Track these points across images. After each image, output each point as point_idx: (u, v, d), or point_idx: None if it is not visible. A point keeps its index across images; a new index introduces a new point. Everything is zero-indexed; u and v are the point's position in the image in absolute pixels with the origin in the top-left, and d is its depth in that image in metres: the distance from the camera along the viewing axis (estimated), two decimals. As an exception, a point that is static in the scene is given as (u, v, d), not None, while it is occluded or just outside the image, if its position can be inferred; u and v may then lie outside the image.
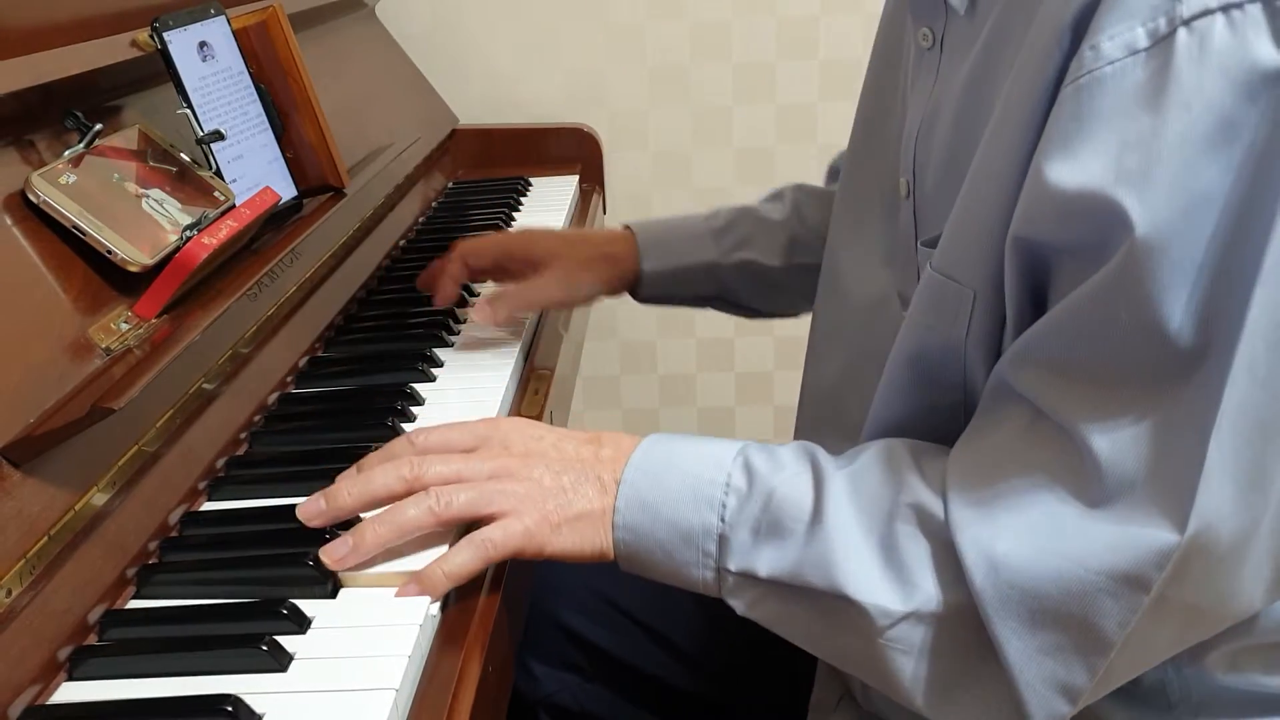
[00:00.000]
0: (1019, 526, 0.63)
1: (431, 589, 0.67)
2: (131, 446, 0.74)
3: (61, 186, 0.77)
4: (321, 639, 0.64)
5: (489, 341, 1.05)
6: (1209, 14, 0.57)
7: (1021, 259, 0.65)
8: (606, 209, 1.77)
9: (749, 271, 1.11)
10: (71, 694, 0.62)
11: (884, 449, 0.72)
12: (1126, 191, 0.59)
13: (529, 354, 1.06)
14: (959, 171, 0.70)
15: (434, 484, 0.71)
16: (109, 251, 0.78)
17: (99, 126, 0.84)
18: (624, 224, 1.13)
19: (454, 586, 0.69)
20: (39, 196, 0.76)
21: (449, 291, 1.09)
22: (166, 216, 0.85)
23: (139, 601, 0.69)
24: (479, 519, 0.71)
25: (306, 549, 0.69)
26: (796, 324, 1.13)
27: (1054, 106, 0.62)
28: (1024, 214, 0.64)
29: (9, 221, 0.74)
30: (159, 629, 0.66)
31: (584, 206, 1.62)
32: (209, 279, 0.87)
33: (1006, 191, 0.65)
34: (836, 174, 1.10)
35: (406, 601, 0.67)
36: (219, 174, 0.94)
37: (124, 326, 0.78)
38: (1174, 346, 0.60)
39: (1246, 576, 0.63)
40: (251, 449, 0.87)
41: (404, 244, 1.36)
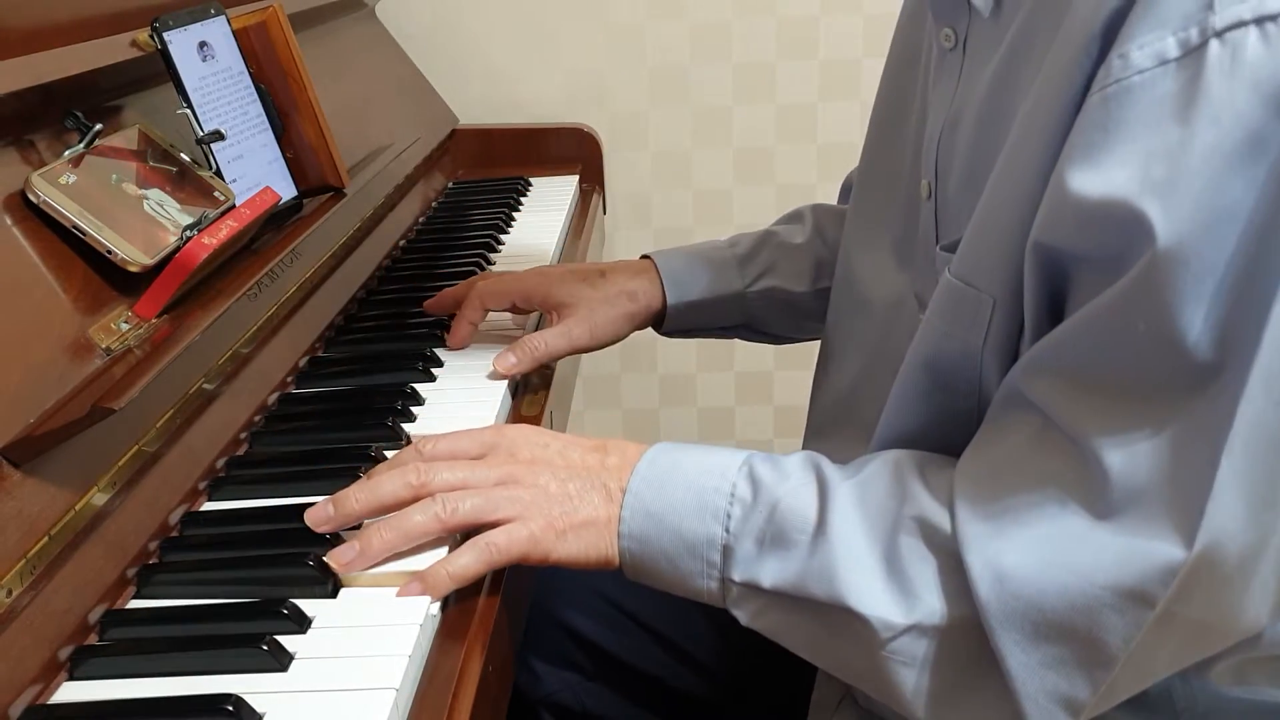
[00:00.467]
0: (1026, 539, 0.63)
1: (434, 589, 0.68)
2: (132, 446, 0.74)
3: (61, 186, 0.77)
4: (322, 639, 0.64)
5: (489, 342, 1.05)
6: (1242, 26, 0.57)
7: (1041, 266, 0.64)
8: (606, 209, 1.77)
9: (775, 299, 1.08)
10: (72, 694, 0.62)
11: (890, 460, 0.71)
12: (1151, 202, 0.58)
13: (529, 354, 1.05)
14: (981, 176, 0.70)
15: (440, 490, 0.71)
16: (109, 251, 0.78)
17: (99, 126, 0.84)
18: (643, 254, 1.09)
19: (457, 588, 0.69)
20: (39, 196, 0.76)
21: (464, 335, 1.05)
22: (166, 216, 0.85)
23: (139, 601, 0.69)
24: (485, 525, 0.71)
25: (307, 549, 0.70)
26: (796, 325, 1.13)
27: (1080, 114, 0.61)
28: (1045, 221, 0.63)
29: (9, 221, 0.74)
30: (159, 629, 0.66)
31: (584, 206, 1.62)
32: (209, 279, 0.87)
33: (1029, 198, 0.64)
34: (849, 192, 1.08)
35: (406, 601, 0.67)
36: (219, 174, 0.94)
37: (124, 326, 0.78)
38: (1190, 359, 0.59)
39: (1254, 594, 0.62)
40: (252, 449, 0.87)
41: (404, 244, 1.36)
